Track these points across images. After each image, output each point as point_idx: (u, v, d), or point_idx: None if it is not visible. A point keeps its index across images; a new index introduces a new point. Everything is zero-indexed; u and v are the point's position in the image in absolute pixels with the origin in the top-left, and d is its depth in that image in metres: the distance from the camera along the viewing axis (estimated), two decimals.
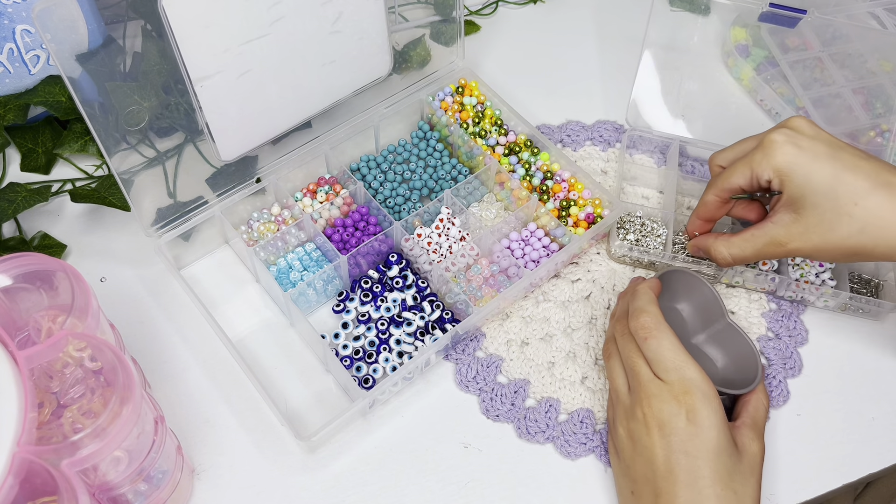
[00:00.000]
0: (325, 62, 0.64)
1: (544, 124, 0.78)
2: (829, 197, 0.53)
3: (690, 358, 0.53)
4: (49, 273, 0.46)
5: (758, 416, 0.55)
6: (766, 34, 0.79)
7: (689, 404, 0.51)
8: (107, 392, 0.43)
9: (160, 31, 0.54)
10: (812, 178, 0.53)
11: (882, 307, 0.64)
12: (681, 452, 0.50)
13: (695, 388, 0.51)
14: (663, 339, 0.53)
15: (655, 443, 0.51)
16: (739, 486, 0.50)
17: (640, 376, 0.53)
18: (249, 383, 0.60)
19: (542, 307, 0.66)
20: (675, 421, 0.51)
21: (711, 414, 0.51)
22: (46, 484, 0.39)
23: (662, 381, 0.52)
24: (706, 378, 0.52)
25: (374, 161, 0.71)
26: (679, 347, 0.53)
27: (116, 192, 0.66)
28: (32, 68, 0.69)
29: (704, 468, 0.50)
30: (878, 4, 0.76)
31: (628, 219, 0.69)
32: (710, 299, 0.61)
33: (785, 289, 0.65)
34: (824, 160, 0.53)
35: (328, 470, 0.58)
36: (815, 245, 0.54)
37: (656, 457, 0.51)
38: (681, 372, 0.52)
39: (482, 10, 0.88)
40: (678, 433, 0.50)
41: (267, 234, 0.66)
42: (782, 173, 0.54)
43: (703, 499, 0.49)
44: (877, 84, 0.74)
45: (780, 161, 0.54)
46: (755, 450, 0.53)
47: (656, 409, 0.51)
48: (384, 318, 0.63)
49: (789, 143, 0.54)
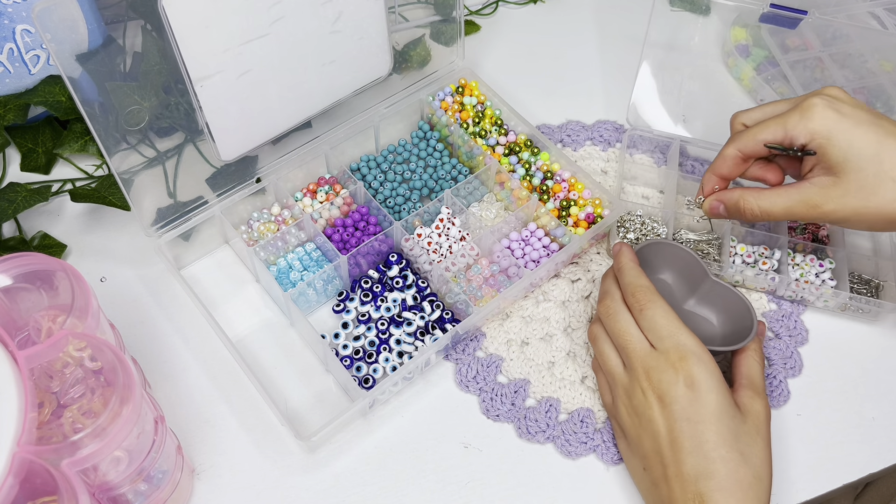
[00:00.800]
0: (325, 62, 0.64)
1: (544, 124, 0.78)
2: (874, 161, 0.53)
3: (683, 325, 0.53)
4: (49, 273, 0.46)
5: (752, 374, 0.55)
6: (766, 34, 0.79)
7: (686, 370, 0.51)
8: (107, 392, 0.43)
9: (160, 31, 0.54)
10: (855, 143, 0.53)
11: (882, 307, 0.64)
12: (683, 420, 0.51)
13: (689, 353, 0.52)
14: (657, 308, 0.54)
15: (657, 415, 0.52)
16: (745, 447, 0.51)
17: (635, 352, 0.53)
18: (249, 383, 0.60)
19: (542, 307, 0.66)
20: (674, 389, 0.51)
21: (709, 377, 0.51)
22: (46, 484, 0.39)
23: (657, 350, 0.53)
24: (700, 343, 0.52)
25: (374, 161, 0.71)
26: (672, 315, 0.53)
27: (116, 192, 0.66)
28: (32, 68, 0.69)
29: (707, 432, 0.50)
30: (878, 4, 0.76)
31: (628, 218, 0.69)
32: (690, 262, 0.61)
33: (785, 288, 0.65)
34: (867, 126, 0.53)
35: (328, 470, 0.58)
36: (853, 209, 0.54)
37: (660, 428, 0.51)
38: (675, 338, 0.52)
39: (482, 10, 0.88)
40: (678, 401, 0.51)
41: (267, 234, 0.66)
42: (822, 136, 0.54)
43: (710, 462, 0.49)
44: (877, 84, 0.74)
45: (820, 125, 0.54)
46: (758, 408, 0.53)
47: (655, 381, 0.52)
48: (384, 318, 0.63)
49: (830, 108, 0.54)
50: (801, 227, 0.69)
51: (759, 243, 0.67)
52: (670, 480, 0.51)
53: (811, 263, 0.66)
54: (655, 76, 0.74)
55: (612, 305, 0.56)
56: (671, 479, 0.51)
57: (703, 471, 0.49)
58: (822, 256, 0.67)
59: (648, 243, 0.62)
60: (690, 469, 0.50)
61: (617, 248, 0.59)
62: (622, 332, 0.55)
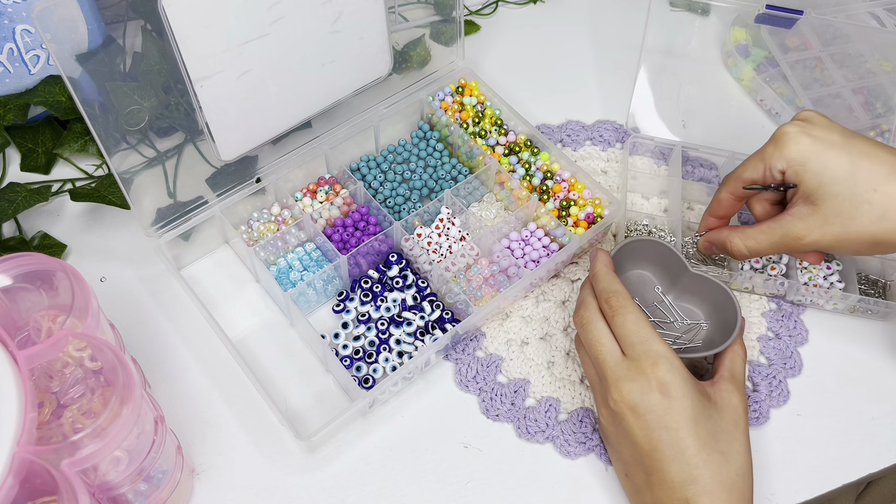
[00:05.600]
0: (325, 62, 0.64)
1: (544, 124, 0.78)
2: (848, 185, 0.52)
3: (655, 332, 0.53)
4: (49, 273, 0.46)
5: (735, 368, 0.56)
6: (766, 34, 0.79)
7: (659, 377, 0.51)
8: (107, 392, 0.43)
9: (160, 31, 0.54)
10: (829, 167, 0.53)
11: (891, 308, 0.64)
12: (660, 428, 0.50)
13: (661, 358, 0.51)
14: (628, 315, 0.53)
15: (633, 425, 0.51)
16: (725, 445, 0.51)
17: (606, 362, 0.53)
18: (249, 383, 0.60)
19: (542, 307, 0.66)
20: (647, 398, 0.51)
21: (682, 383, 0.51)
22: (46, 484, 0.39)
23: (629, 357, 0.52)
24: (671, 350, 0.52)
25: (374, 161, 0.71)
26: (644, 322, 0.53)
27: (116, 192, 0.66)
28: (32, 68, 0.69)
29: (686, 438, 0.50)
30: (878, 4, 0.76)
31: (635, 227, 0.69)
32: (668, 256, 0.62)
33: (794, 293, 0.65)
34: (839, 149, 0.53)
35: (328, 470, 0.58)
36: (835, 236, 0.53)
37: (637, 437, 0.51)
38: (646, 345, 0.52)
39: (482, 10, 0.88)
40: (654, 409, 0.51)
41: (267, 234, 0.66)
42: (797, 164, 0.54)
43: (692, 468, 0.49)
44: (877, 84, 0.74)
45: (794, 151, 0.54)
46: (736, 402, 0.53)
47: (626, 392, 0.51)
48: (384, 318, 0.63)
49: (802, 134, 0.54)
50: None
51: None
52: (654, 487, 0.51)
53: (819, 266, 0.66)
54: (654, 81, 0.74)
55: (586, 315, 0.55)
56: (655, 487, 0.51)
57: (687, 476, 0.49)
58: (829, 259, 0.66)
59: (633, 240, 0.62)
60: (674, 476, 0.50)
61: (594, 255, 0.59)
62: (594, 342, 0.54)
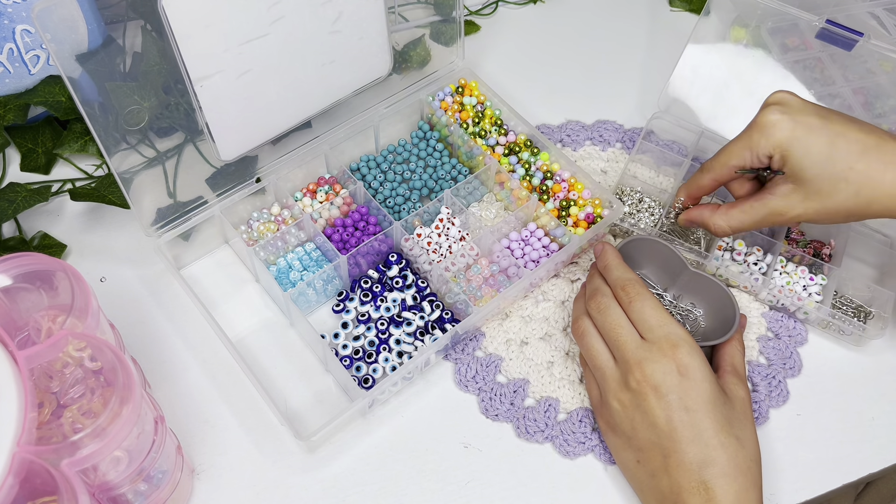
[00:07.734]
0: (325, 62, 0.64)
1: (544, 124, 0.78)
2: (826, 165, 0.55)
3: (673, 318, 0.55)
4: (49, 273, 0.46)
5: (736, 362, 0.58)
6: (766, 34, 0.79)
7: (679, 359, 0.52)
8: (107, 392, 0.43)
9: (160, 31, 0.54)
10: (811, 151, 0.55)
11: (865, 333, 0.63)
12: (681, 409, 0.52)
13: (681, 341, 0.53)
14: (646, 301, 0.55)
15: (654, 405, 0.52)
16: (739, 431, 0.52)
17: (627, 344, 0.54)
18: (249, 383, 0.60)
19: (542, 307, 0.66)
20: (668, 379, 0.52)
21: (701, 365, 0.53)
22: (46, 484, 0.39)
23: (648, 341, 0.54)
24: (688, 333, 0.54)
25: (374, 161, 0.71)
26: (661, 307, 0.55)
27: (116, 191, 0.66)
28: (32, 68, 0.69)
29: (705, 420, 0.51)
30: (878, 4, 0.76)
31: (627, 191, 0.69)
32: (668, 255, 0.63)
33: (767, 291, 0.65)
34: (819, 131, 0.55)
35: (328, 470, 0.58)
36: (815, 210, 0.57)
37: (658, 419, 0.52)
38: (666, 329, 0.54)
39: (482, 10, 0.88)
40: (674, 390, 0.52)
41: (267, 234, 0.66)
42: (782, 149, 0.56)
43: (710, 449, 0.51)
44: (877, 84, 0.74)
45: (780, 139, 0.56)
46: (742, 394, 0.55)
47: (648, 373, 0.53)
48: (384, 317, 0.63)
49: (786, 117, 0.56)
50: (804, 241, 0.69)
51: (756, 244, 0.67)
52: (671, 470, 0.51)
53: (801, 275, 0.66)
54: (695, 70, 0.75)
55: (603, 301, 0.57)
56: (672, 469, 0.51)
57: (705, 458, 0.50)
58: (816, 272, 0.66)
59: (630, 240, 0.62)
60: (693, 458, 0.51)
61: (599, 248, 0.60)
62: (614, 325, 0.55)
